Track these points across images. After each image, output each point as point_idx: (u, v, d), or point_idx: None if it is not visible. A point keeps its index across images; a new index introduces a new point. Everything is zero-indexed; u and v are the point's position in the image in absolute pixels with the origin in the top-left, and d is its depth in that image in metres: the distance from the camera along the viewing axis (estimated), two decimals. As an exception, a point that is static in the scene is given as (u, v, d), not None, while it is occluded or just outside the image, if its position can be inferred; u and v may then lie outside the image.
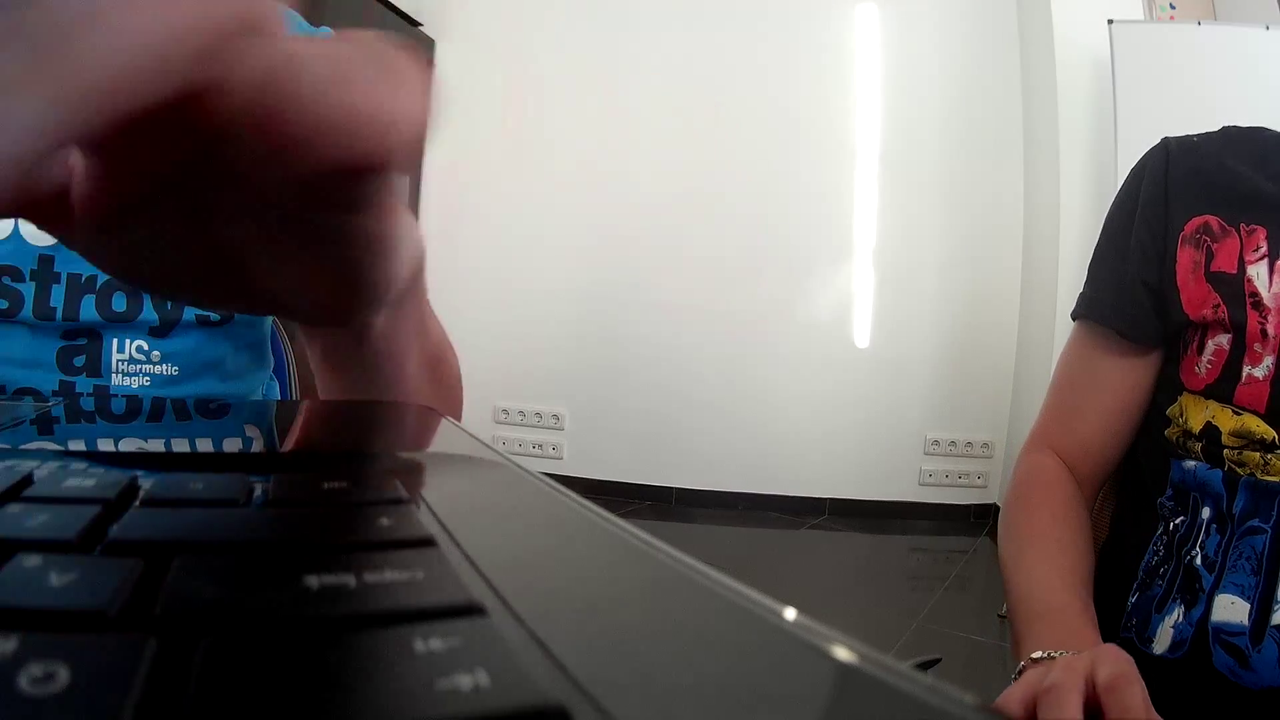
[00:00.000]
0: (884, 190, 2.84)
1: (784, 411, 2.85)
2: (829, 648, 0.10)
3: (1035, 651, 0.53)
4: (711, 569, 0.12)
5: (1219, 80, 2.21)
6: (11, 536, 0.12)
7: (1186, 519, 0.63)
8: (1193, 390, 0.64)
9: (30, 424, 0.26)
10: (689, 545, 0.14)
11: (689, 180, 2.84)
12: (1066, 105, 2.51)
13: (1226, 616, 0.57)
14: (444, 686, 0.08)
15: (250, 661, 0.08)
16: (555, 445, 2.93)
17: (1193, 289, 0.64)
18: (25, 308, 0.50)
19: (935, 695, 0.09)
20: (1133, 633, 0.63)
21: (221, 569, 0.11)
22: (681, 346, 2.86)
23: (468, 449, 0.22)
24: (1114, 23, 2.31)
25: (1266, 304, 0.60)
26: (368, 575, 0.11)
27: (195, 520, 0.14)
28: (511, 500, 0.18)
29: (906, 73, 2.82)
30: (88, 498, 0.14)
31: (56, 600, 0.10)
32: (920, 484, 2.85)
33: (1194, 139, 0.69)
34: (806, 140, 2.84)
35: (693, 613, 0.11)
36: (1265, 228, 0.62)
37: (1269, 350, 0.60)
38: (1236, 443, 0.60)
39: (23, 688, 0.07)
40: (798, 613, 0.11)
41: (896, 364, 2.83)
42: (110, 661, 0.08)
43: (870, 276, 2.86)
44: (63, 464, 0.16)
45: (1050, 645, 0.52)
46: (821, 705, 0.09)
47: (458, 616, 0.10)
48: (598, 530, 0.15)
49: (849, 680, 0.10)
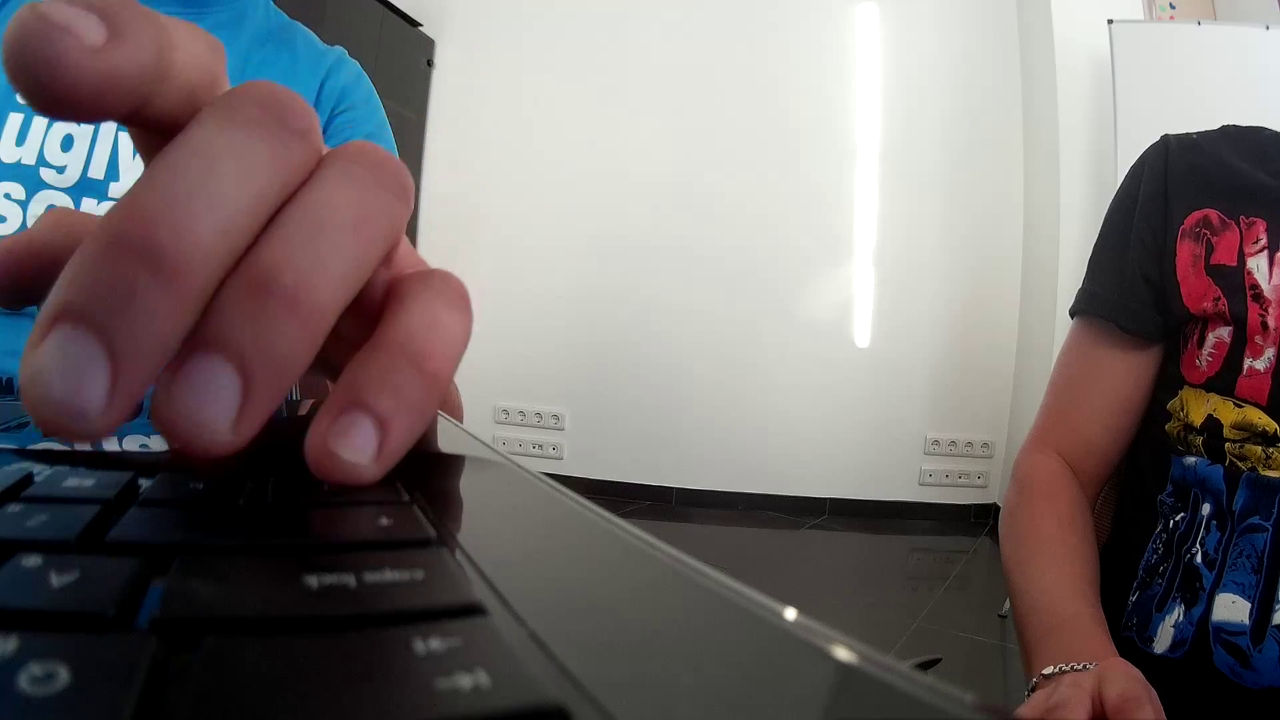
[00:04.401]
0: (884, 190, 2.84)
1: (784, 411, 2.85)
2: (829, 648, 0.10)
3: (1047, 667, 0.52)
4: (711, 569, 0.12)
5: (1219, 80, 2.21)
6: (11, 537, 0.12)
7: (1186, 516, 0.63)
8: (1193, 384, 0.64)
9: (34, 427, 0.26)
10: (689, 545, 0.14)
11: (689, 180, 2.84)
12: (1066, 105, 2.51)
13: (1227, 615, 0.57)
14: (444, 686, 0.08)
15: (250, 662, 0.08)
16: (555, 445, 2.93)
17: (1193, 282, 0.64)
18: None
19: (935, 695, 0.09)
20: (1133, 632, 0.63)
21: (221, 569, 0.11)
22: (682, 347, 2.86)
23: (468, 449, 0.22)
24: (1114, 23, 2.31)
25: (1267, 296, 0.60)
26: (368, 575, 0.11)
27: (195, 520, 0.14)
28: (511, 500, 0.18)
29: (906, 73, 2.82)
30: (88, 498, 0.14)
31: (56, 600, 0.10)
32: (920, 484, 2.85)
33: (1194, 136, 0.69)
34: (807, 140, 2.84)
35: (693, 613, 0.11)
36: (1265, 220, 0.62)
37: (1270, 342, 0.60)
38: (1238, 435, 0.60)
39: (23, 688, 0.07)
40: (798, 613, 0.11)
41: (896, 364, 2.83)
42: (110, 662, 0.08)
43: (870, 276, 2.86)
44: (63, 464, 0.16)
45: (1062, 658, 0.52)
46: (821, 705, 0.09)
47: (458, 616, 0.10)
48: (598, 530, 0.15)
49: (849, 680, 0.10)
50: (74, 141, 0.56)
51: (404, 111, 2.78)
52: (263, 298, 0.14)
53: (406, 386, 0.16)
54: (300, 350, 0.15)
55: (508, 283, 2.88)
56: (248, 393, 0.14)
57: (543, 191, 2.90)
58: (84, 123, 0.14)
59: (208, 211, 0.14)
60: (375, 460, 0.16)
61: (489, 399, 2.93)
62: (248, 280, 0.15)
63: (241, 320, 0.14)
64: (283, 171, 0.16)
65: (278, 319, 0.14)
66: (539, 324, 2.91)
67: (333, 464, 0.15)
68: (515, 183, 2.91)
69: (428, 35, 2.91)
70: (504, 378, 2.89)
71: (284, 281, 0.15)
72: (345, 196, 0.16)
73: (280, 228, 0.15)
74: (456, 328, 0.18)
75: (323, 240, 0.15)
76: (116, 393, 0.13)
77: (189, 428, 0.14)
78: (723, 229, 2.84)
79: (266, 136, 0.16)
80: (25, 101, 0.14)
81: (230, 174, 0.15)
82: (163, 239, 0.14)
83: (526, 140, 2.91)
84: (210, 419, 0.14)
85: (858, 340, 2.86)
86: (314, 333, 0.15)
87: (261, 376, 0.14)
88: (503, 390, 2.91)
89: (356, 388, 0.16)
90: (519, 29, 2.92)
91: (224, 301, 0.14)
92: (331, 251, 0.15)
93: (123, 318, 0.13)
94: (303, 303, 0.15)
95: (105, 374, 0.13)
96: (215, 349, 0.14)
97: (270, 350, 0.14)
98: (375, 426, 0.16)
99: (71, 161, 0.58)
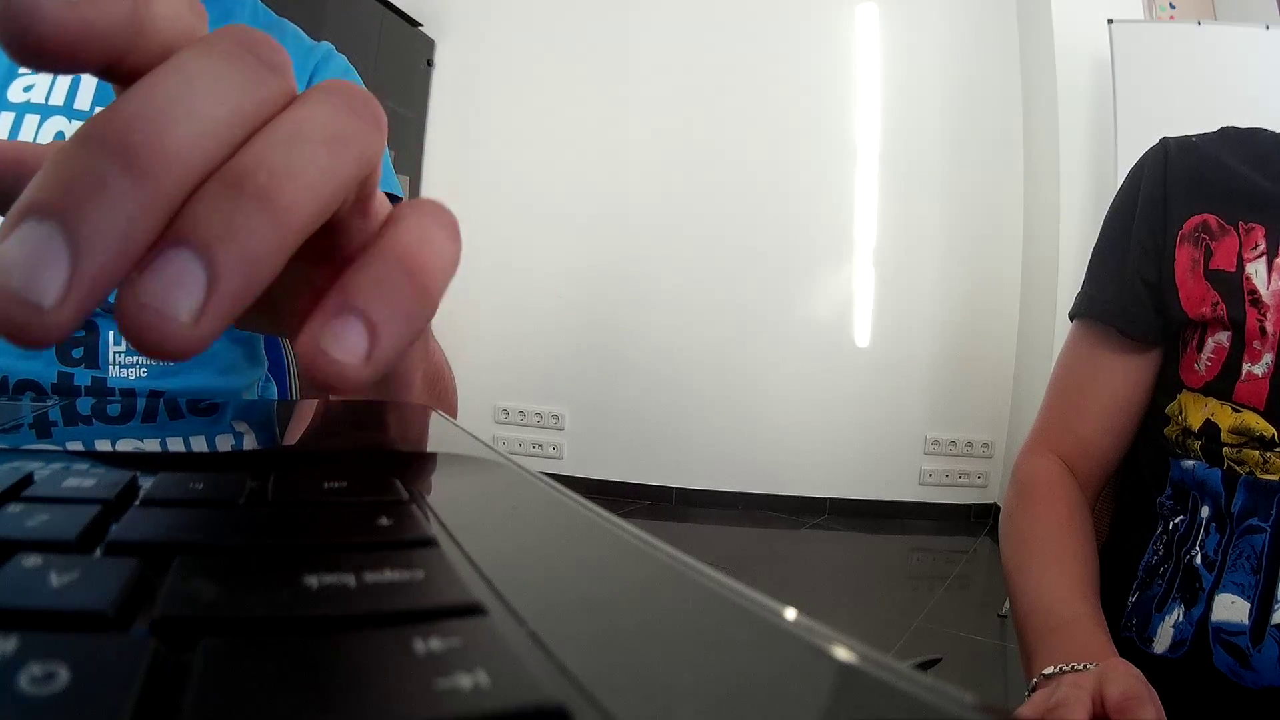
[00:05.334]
0: (884, 190, 2.84)
1: (784, 411, 2.85)
2: (829, 648, 0.10)
3: (1048, 667, 0.52)
4: (711, 569, 0.12)
5: (1219, 80, 2.21)
6: (11, 537, 0.12)
7: (1186, 518, 0.63)
8: (1192, 388, 0.64)
9: (29, 427, 0.26)
10: (689, 545, 0.14)
11: (689, 180, 2.84)
12: (1066, 105, 2.51)
13: (1226, 616, 0.57)
14: (444, 686, 0.08)
15: (250, 662, 0.08)
16: (555, 445, 2.93)
17: (1191, 287, 0.64)
18: None
19: (935, 695, 0.09)
20: (1133, 632, 0.63)
21: (221, 569, 0.11)
22: (682, 347, 2.86)
23: (468, 449, 0.22)
24: (1114, 22, 2.31)
25: (1265, 301, 0.60)
26: (368, 575, 0.11)
27: (195, 520, 0.14)
28: (511, 500, 0.18)
29: (906, 73, 2.82)
30: (88, 498, 0.14)
31: (56, 600, 0.10)
32: (920, 484, 2.85)
33: (1192, 139, 0.69)
34: (807, 140, 2.84)
35: (693, 613, 0.11)
36: (1263, 226, 0.62)
37: (1268, 347, 0.60)
38: (1236, 440, 0.60)
39: (23, 688, 0.07)
40: (798, 613, 0.11)
41: (896, 364, 2.83)
42: (110, 661, 0.08)
43: (870, 276, 2.86)
44: (63, 464, 0.16)
45: (1063, 658, 0.52)
46: (821, 705, 0.09)
47: (458, 616, 0.10)
48: (598, 530, 0.15)
49: (849, 680, 0.10)
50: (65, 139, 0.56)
51: (404, 111, 2.78)
52: (234, 193, 0.14)
53: (399, 294, 0.17)
54: (270, 248, 0.15)
55: (508, 283, 2.88)
56: (214, 285, 0.14)
57: (542, 191, 2.90)
58: (60, 73, 0.14)
59: (185, 119, 0.14)
60: (365, 362, 0.16)
61: (489, 399, 2.93)
62: (220, 179, 0.15)
63: (211, 214, 0.14)
64: (257, 97, 0.16)
65: (248, 213, 0.14)
66: (539, 324, 2.91)
67: (325, 363, 0.15)
68: (515, 183, 2.91)
69: (428, 35, 2.91)
70: (504, 377, 2.89)
71: (257, 179, 0.15)
72: (320, 114, 0.17)
73: (256, 140, 0.16)
74: (449, 250, 0.19)
75: (297, 149, 0.16)
76: (74, 286, 0.13)
77: (149, 317, 0.13)
78: (723, 229, 2.84)
79: (243, 66, 0.16)
80: (4, 51, 0.14)
81: (208, 91, 0.15)
82: (136, 139, 0.14)
83: (526, 140, 2.91)
84: (171, 307, 0.13)
85: (858, 340, 2.86)
86: (284, 234, 0.15)
87: (228, 269, 0.14)
88: (502, 390, 2.91)
89: (349, 291, 0.16)
90: (519, 29, 2.92)
91: (196, 200, 0.14)
92: (306, 159, 0.16)
93: (87, 210, 0.13)
94: (274, 199, 0.15)
95: (65, 265, 0.13)
96: (182, 242, 0.14)
97: (238, 242, 0.14)
98: (366, 329, 0.16)
99: None
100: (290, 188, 0.15)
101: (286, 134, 0.16)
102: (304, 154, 0.16)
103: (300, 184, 0.15)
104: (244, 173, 0.15)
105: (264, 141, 0.16)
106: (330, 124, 0.17)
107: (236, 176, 0.15)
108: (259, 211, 0.15)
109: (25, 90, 0.55)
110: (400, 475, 0.17)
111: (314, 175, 0.16)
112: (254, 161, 0.15)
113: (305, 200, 0.15)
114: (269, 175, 0.15)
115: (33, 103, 0.54)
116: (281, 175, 0.15)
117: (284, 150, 0.16)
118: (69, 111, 0.55)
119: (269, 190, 0.15)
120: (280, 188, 0.15)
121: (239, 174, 0.15)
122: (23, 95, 0.54)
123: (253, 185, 0.15)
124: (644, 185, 2.86)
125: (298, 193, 0.15)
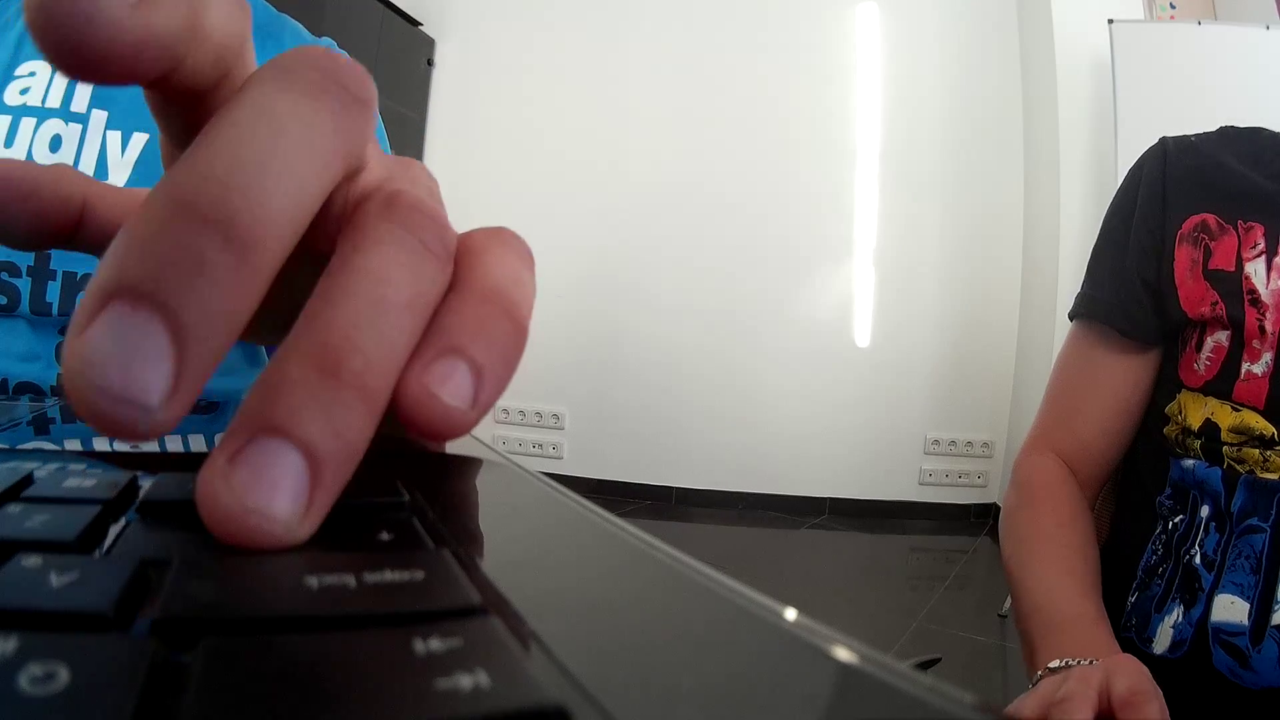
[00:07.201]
0: (884, 190, 2.84)
1: (784, 411, 2.85)
2: (829, 648, 0.10)
3: (1052, 661, 0.52)
4: (711, 569, 0.12)
5: (1219, 80, 2.21)
6: (11, 537, 0.12)
7: (1185, 518, 0.63)
8: (1191, 387, 0.64)
9: (27, 425, 0.26)
10: (689, 545, 0.14)
11: (689, 180, 2.84)
12: (1066, 105, 2.51)
13: (1226, 616, 0.57)
14: (444, 687, 0.08)
15: (250, 662, 0.08)
16: (555, 445, 2.93)
17: (1191, 287, 0.64)
18: (22, 303, 0.50)
19: (935, 695, 0.09)
20: (1132, 632, 0.63)
21: (221, 569, 0.11)
22: (682, 346, 2.86)
23: (468, 449, 0.22)
24: (1114, 22, 2.31)
25: (1264, 300, 0.61)
26: (368, 575, 0.11)
27: (195, 520, 0.14)
28: (511, 500, 0.18)
29: (906, 73, 2.82)
30: (87, 498, 0.14)
31: (56, 601, 0.10)
32: (920, 484, 2.86)
33: (1192, 139, 0.69)
34: (807, 140, 2.84)
35: (693, 613, 0.11)
36: (1263, 225, 0.62)
37: (1267, 346, 0.60)
38: (1235, 439, 0.60)
39: (23, 688, 0.07)
40: (798, 613, 0.11)
41: (896, 364, 2.83)
42: (110, 661, 0.08)
43: (870, 276, 2.86)
44: (62, 464, 0.16)
45: (1067, 654, 0.52)
46: (822, 705, 0.09)
47: (458, 617, 0.10)
48: (598, 530, 0.15)
49: (849, 680, 0.10)
50: (62, 141, 0.55)
51: (404, 111, 2.78)
52: (332, 384, 0.13)
53: (499, 336, 0.15)
54: (366, 435, 0.13)
55: (508, 282, 2.87)
56: (316, 481, 0.12)
57: (543, 192, 2.90)
58: (114, 85, 0.13)
59: (281, 179, 0.13)
60: (473, 407, 0.15)
61: (489, 399, 2.92)
62: (316, 364, 0.13)
63: (310, 404, 0.13)
64: (346, 141, 0.15)
65: (347, 404, 0.13)
66: (539, 323, 2.82)
67: (434, 407, 0.14)
68: (515, 183, 2.91)
69: (428, 35, 2.91)
70: (504, 377, 2.88)
71: (353, 366, 0.13)
72: (400, 269, 0.15)
73: (341, 307, 0.14)
74: (531, 285, 0.18)
75: (383, 320, 0.14)
76: (182, 381, 0.12)
77: (255, 520, 0.12)
78: (723, 229, 2.84)
79: (330, 103, 0.14)
80: (52, 62, 0.13)
81: (298, 140, 0.13)
82: (236, 207, 0.12)
83: (526, 141, 2.91)
84: (279, 509, 0.12)
85: (858, 340, 2.86)
86: (376, 414, 0.14)
87: (333, 466, 0.13)
88: (502, 390, 2.91)
89: (451, 333, 0.15)
90: (519, 29, 2.92)
91: (290, 388, 0.13)
92: (394, 334, 0.14)
93: (187, 294, 0.12)
94: (368, 384, 0.14)
95: (169, 360, 0.12)
96: (279, 433, 0.12)
97: (344, 440, 0.13)
98: (472, 373, 0.15)
99: (60, 161, 0.57)
100: (380, 370, 0.14)
101: (372, 302, 0.14)
102: (390, 326, 0.14)
103: (390, 364, 0.14)
104: (339, 358, 0.13)
105: (350, 314, 0.14)
106: (412, 286, 0.15)
107: (333, 364, 0.13)
108: (358, 402, 0.13)
109: (22, 93, 0.54)
110: (400, 475, 0.17)
111: (400, 351, 0.15)
112: (346, 343, 0.14)
113: (393, 376, 0.14)
114: (365, 363, 0.14)
115: (29, 105, 0.53)
116: (374, 358, 0.14)
117: (371, 327, 0.14)
118: (65, 114, 0.54)
119: (364, 378, 0.13)
120: (373, 371, 0.14)
121: (335, 360, 0.13)
122: (19, 98, 0.53)
123: (350, 374, 0.13)
124: (644, 184, 2.86)
125: (387, 376, 0.14)
